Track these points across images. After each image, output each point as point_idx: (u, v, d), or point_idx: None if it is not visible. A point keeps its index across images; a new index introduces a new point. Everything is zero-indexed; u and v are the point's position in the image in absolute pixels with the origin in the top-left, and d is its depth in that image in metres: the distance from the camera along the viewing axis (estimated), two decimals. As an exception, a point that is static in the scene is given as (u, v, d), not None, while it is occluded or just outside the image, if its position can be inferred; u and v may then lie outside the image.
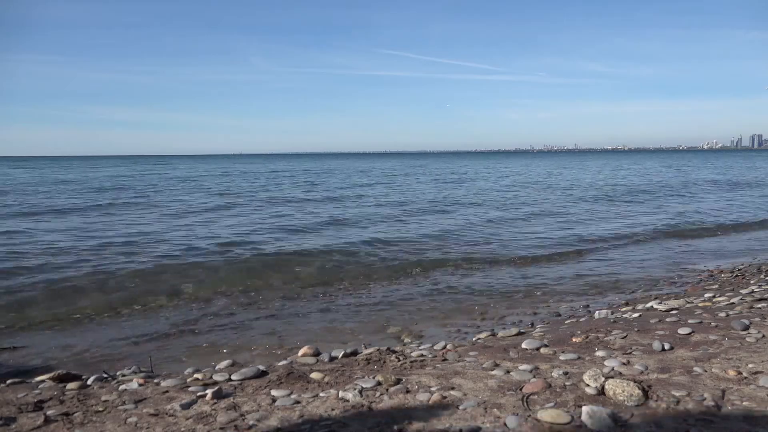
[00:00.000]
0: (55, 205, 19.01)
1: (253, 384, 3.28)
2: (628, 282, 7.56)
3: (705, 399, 2.70)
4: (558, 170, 49.07)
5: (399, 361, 3.70)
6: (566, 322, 5.26)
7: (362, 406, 2.81)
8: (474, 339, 4.69)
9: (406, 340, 5.26)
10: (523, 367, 3.35)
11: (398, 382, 3.15)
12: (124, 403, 3.02)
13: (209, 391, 3.04)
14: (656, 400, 2.71)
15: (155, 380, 3.52)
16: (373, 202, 19.81)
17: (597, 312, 5.39)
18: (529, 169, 51.14)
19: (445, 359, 3.72)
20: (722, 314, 4.58)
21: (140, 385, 3.38)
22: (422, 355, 3.86)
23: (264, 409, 2.83)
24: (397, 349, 4.24)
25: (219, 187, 28.92)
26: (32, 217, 15.45)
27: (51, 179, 38.17)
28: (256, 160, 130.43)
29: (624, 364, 3.35)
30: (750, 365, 3.18)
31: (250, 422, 2.66)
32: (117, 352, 5.21)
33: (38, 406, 3.01)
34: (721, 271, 7.86)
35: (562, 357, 3.58)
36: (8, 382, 3.68)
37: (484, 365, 3.47)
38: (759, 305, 4.88)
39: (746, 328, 4.00)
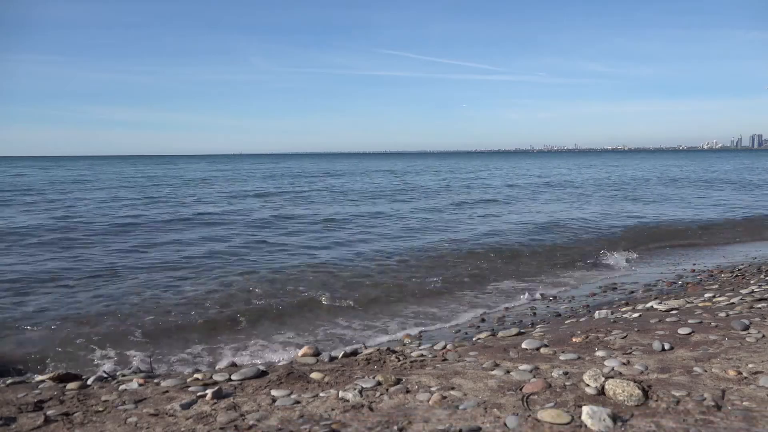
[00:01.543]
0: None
1: (253, 384, 3.28)
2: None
3: (705, 399, 2.70)
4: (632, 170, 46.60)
5: (399, 361, 3.70)
6: (566, 322, 5.26)
7: (362, 406, 2.81)
8: (474, 339, 4.69)
9: (406, 340, 5.26)
10: (523, 367, 3.34)
11: (398, 382, 3.15)
12: (124, 403, 3.02)
13: (209, 391, 3.04)
14: (656, 400, 2.71)
15: (155, 380, 3.52)
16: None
17: (597, 312, 5.39)
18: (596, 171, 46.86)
19: (445, 359, 3.71)
20: (722, 314, 4.57)
21: (140, 385, 3.38)
22: (422, 355, 3.86)
23: (264, 409, 2.83)
24: (397, 349, 4.24)
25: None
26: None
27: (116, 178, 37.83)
28: (266, 159, 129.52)
29: (624, 364, 3.35)
30: (750, 365, 3.17)
31: (250, 422, 2.66)
32: (117, 352, 5.22)
33: (38, 406, 3.01)
34: (721, 271, 7.86)
35: (562, 357, 3.58)
36: (8, 382, 3.68)
37: (484, 365, 3.47)
38: (759, 305, 4.87)
39: (746, 328, 4.00)
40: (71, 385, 3.41)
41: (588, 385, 2.92)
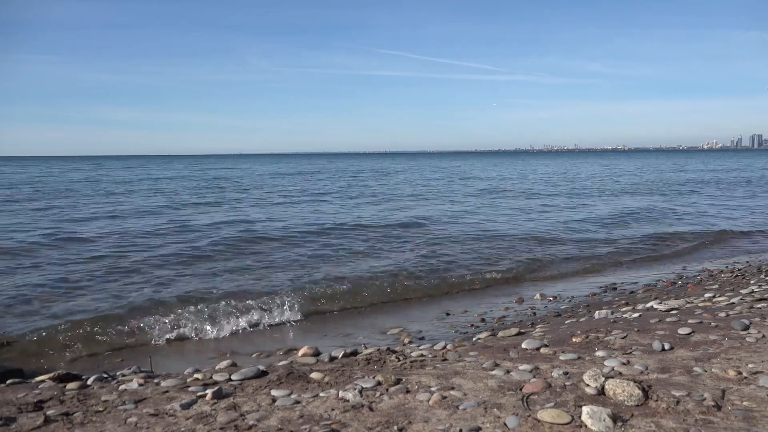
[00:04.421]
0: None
1: (253, 384, 3.28)
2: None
3: (705, 399, 2.70)
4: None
5: (399, 361, 3.70)
6: (566, 322, 5.26)
7: (362, 406, 2.81)
8: (474, 339, 4.69)
9: (406, 340, 5.25)
10: (523, 367, 3.35)
11: (398, 382, 3.15)
12: (124, 403, 3.02)
13: (209, 391, 3.04)
14: (656, 400, 2.71)
15: (155, 380, 3.52)
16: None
17: (597, 312, 5.38)
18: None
19: (445, 359, 3.72)
20: (722, 314, 4.57)
21: (140, 385, 3.38)
22: (422, 355, 3.86)
23: (264, 409, 2.83)
24: (397, 349, 4.24)
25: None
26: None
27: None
28: (276, 160, 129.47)
29: (624, 364, 3.35)
30: (750, 365, 3.18)
31: (250, 422, 2.66)
32: (117, 352, 5.22)
33: (38, 406, 3.01)
34: (721, 271, 7.86)
35: (562, 357, 3.58)
36: (8, 382, 3.68)
37: (484, 365, 3.47)
38: (759, 305, 4.87)
39: (746, 328, 4.00)
40: (71, 385, 3.41)
41: (588, 385, 2.92)
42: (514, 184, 29.88)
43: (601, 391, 2.83)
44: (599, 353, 3.61)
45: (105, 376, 3.79)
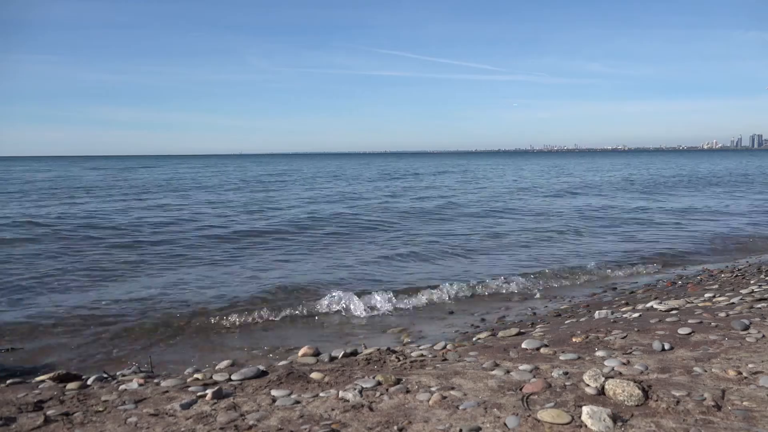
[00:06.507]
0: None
1: (253, 384, 3.28)
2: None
3: (705, 399, 2.70)
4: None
5: (399, 361, 3.70)
6: (566, 322, 5.26)
7: (362, 406, 2.81)
8: (474, 339, 4.69)
9: (406, 340, 5.26)
10: (523, 367, 3.35)
11: (398, 382, 3.15)
12: (124, 403, 3.02)
13: (209, 391, 3.04)
14: (656, 400, 2.71)
15: (155, 380, 3.52)
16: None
17: (597, 312, 5.38)
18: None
19: (445, 359, 3.72)
20: (722, 314, 4.57)
21: (140, 385, 3.38)
22: (422, 355, 3.86)
23: (264, 409, 2.83)
24: (397, 349, 4.24)
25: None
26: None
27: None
28: (276, 160, 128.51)
29: (624, 364, 3.35)
30: (750, 365, 3.18)
31: (250, 422, 2.66)
32: (117, 352, 5.21)
33: (38, 406, 3.01)
34: (721, 271, 7.85)
35: (562, 357, 3.58)
36: (8, 382, 3.68)
37: (484, 365, 3.47)
38: (759, 305, 4.87)
39: (746, 328, 4.00)
40: (71, 385, 3.41)
41: (588, 385, 2.92)
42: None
43: (601, 391, 2.83)
44: (599, 353, 3.61)
45: (105, 376, 3.79)
